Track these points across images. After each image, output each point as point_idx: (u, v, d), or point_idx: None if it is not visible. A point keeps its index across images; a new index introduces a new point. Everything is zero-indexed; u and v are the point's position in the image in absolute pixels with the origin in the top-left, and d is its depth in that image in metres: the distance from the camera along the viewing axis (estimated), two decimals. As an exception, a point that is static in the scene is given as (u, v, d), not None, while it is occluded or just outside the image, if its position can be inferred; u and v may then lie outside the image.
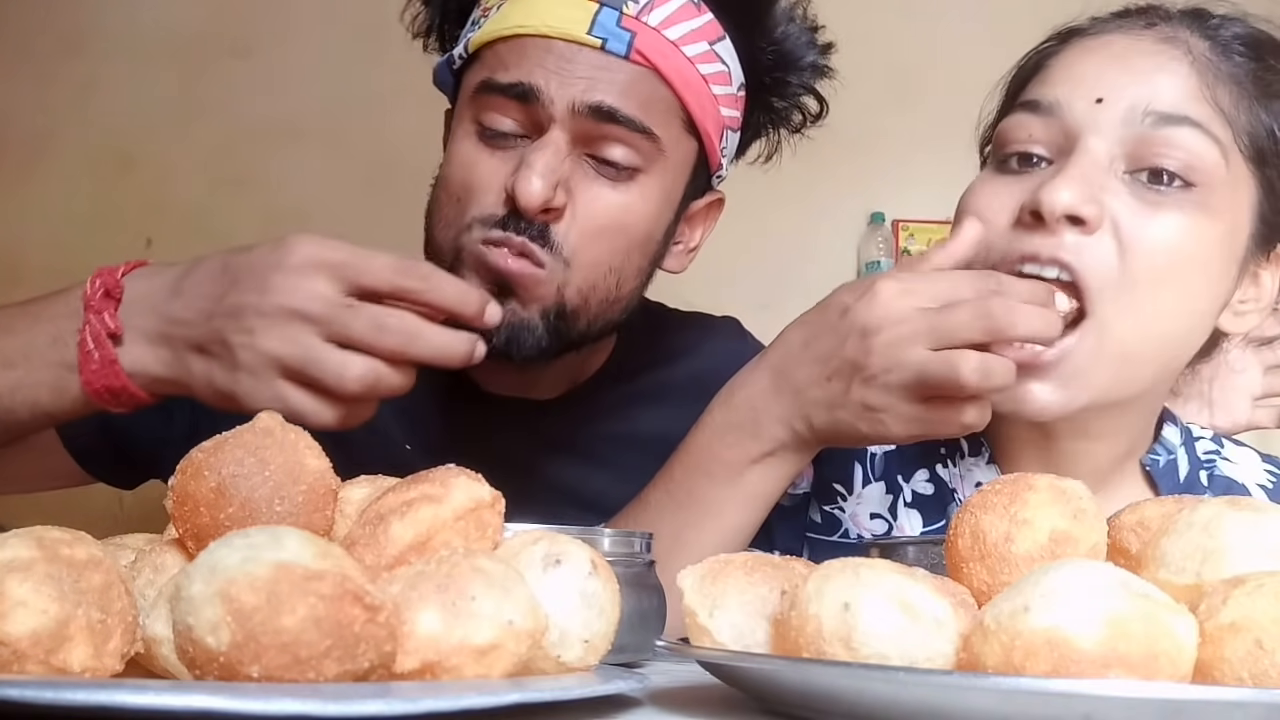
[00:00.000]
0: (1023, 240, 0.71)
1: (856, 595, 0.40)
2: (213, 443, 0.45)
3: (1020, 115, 0.75)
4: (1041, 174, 0.72)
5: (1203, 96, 0.71)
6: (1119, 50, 0.74)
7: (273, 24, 2.30)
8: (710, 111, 0.89)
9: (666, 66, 0.85)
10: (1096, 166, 0.70)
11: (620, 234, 0.86)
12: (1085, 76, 0.73)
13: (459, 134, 0.88)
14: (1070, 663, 0.36)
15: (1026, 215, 0.70)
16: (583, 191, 0.84)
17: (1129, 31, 0.76)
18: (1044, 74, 0.77)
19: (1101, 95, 0.71)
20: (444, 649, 0.38)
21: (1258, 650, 0.37)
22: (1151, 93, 0.71)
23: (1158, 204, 0.70)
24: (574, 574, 0.45)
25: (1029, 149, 0.73)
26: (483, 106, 0.85)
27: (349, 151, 2.24)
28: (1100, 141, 0.71)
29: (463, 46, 0.90)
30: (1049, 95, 0.74)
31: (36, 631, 0.35)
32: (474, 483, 0.46)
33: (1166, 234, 0.69)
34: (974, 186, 0.77)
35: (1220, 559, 0.42)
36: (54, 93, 2.29)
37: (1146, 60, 0.72)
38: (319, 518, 0.45)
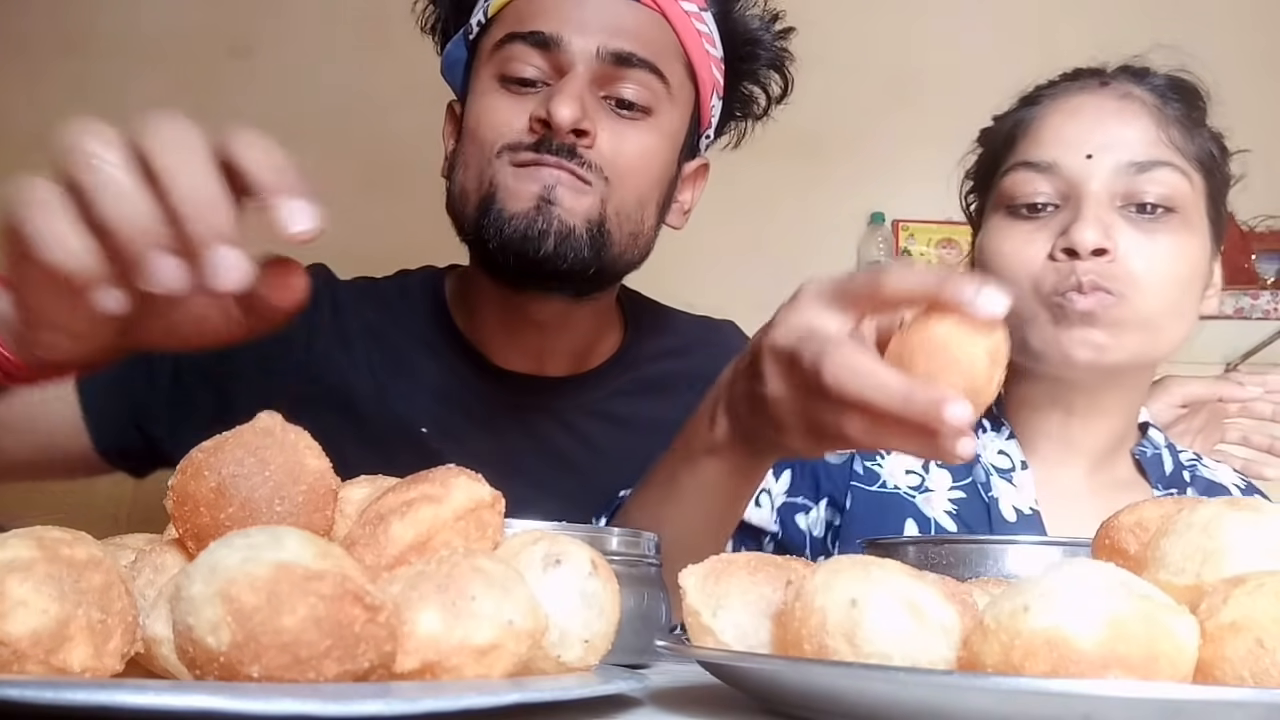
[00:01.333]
0: (1063, 275, 0.89)
1: (865, 592, 0.40)
2: (212, 443, 0.45)
3: (1024, 173, 0.93)
4: (1053, 217, 0.91)
5: (1161, 140, 0.92)
6: (1091, 112, 0.93)
7: (273, 24, 2.31)
8: (704, 63, 0.97)
9: (672, 11, 0.94)
10: (1102, 206, 0.89)
11: (643, 167, 0.93)
12: (1073, 138, 0.92)
13: (479, 88, 0.93)
14: (1070, 663, 0.36)
15: (1060, 253, 0.89)
16: (606, 127, 0.90)
17: (1091, 91, 0.95)
18: (1033, 136, 0.95)
19: (1090, 152, 0.91)
20: (444, 649, 0.38)
21: (1259, 649, 0.37)
22: (1127, 147, 0.91)
23: (1152, 230, 0.90)
24: (574, 574, 0.45)
25: (1036, 200, 0.92)
26: (505, 58, 0.91)
27: (349, 151, 2.24)
28: (1098, 185, 0.90)
29: (481, 14, 0.96)
30: (1046, 156, 0.92)
31: (37, 631, 0.35)
32: (474, 483, 0.46)
33: (1163, 250, 0.90)
34: (996, 237, 0.94)
35: (1220, 559, 0.42)
36: (52, 92, 2.29)
37: (1115, 119, 0.92)
38: (319, 518, 0.45)
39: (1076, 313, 0.88)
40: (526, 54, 0.90)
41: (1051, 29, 2.11)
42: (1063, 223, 0.90)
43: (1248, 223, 2.05)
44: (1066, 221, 0.90)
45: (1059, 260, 0.89)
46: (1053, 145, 0.93)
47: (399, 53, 1.14)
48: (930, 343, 0.54)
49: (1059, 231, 0.90)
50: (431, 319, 1.05)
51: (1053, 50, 1.04)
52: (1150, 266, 0.89)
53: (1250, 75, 2.19)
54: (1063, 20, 2.16)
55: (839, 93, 2.33)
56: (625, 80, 0.91)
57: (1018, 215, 0.93)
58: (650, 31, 0.93)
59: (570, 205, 0.88)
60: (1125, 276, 0.88)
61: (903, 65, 2.27)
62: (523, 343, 1.01)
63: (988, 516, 0.96)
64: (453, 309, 1.06)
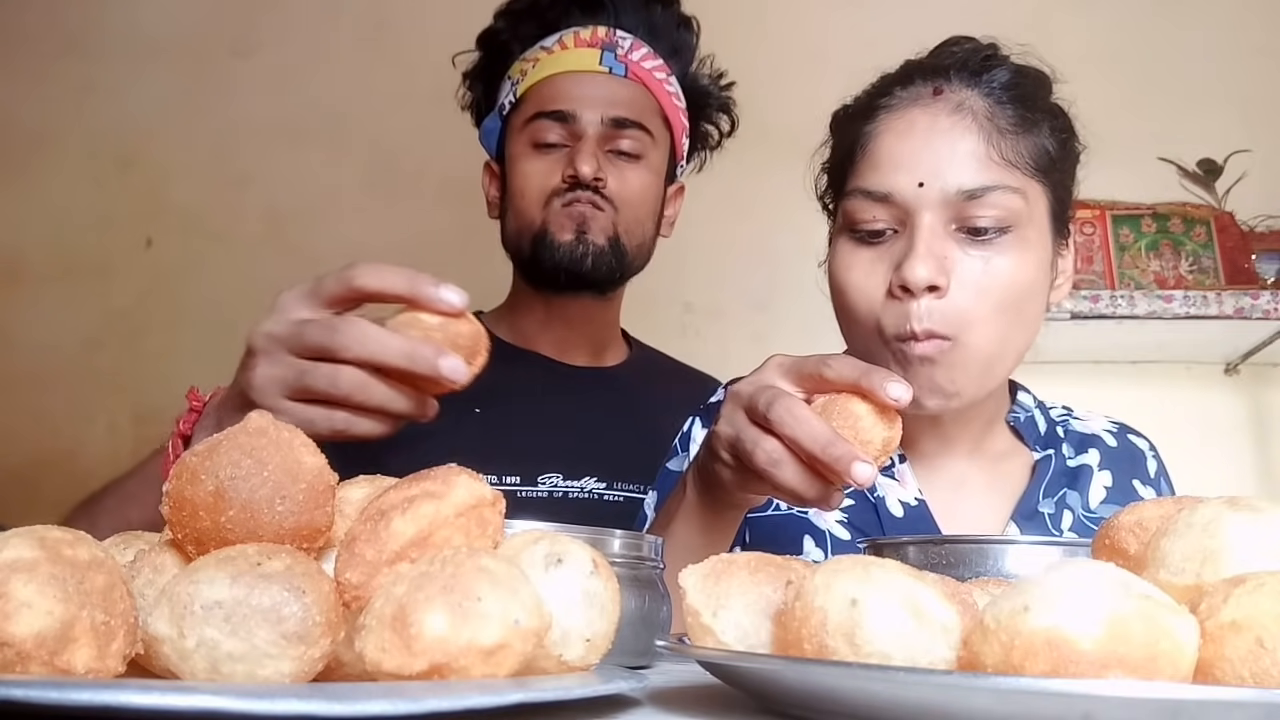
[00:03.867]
0: (899, 318, 0.90)
1: (865, 593, 0.40)
2: (206, 446, 0.45)
3: (860, 200, 0.94)
4: (892, 243, 0.92)
5: (992, 159, 0.91)
6: (922, 131, 0.93)
7: (273, 24, 2.30)
8: (675, 115, 1.36)
9: (649, 81, 1.32)
10: (935, 235, 0.90)
11: (641, 197, 1.31)
12: (903, 163, 0.92)
13: (517, 153, 1.31)
14: (1070, 663, 0.36)
15: (897, 290, 0.90)
16: (613, 173, 1.29)
17: (924, 105, 0.94)
18: (870, 158, 0.95)
19: (921, 180, 0.91)
20: (452, 650, 0.38)
21: (1259, 649, 0.37)
22: (956, 174, 0.90)
23: (986, 255, 0.90)
24: (576, 573, 0.45)
25: (875, 226, 0.93)
26: (536, 129, 1.29)
27: (349, 151, 2.24)
28: (931, 214, 0.90)
29: (511, 95, 1.33)
30: (881, 184, 0.92)
31: (41, 633, 0.35)
32: (475, 481, 0.46)
33: (998, 274, 0.90)
34: (842, 264, 0.95)
35: (1220, 559, 0.42)
36: (54, 92, 2.29)
37: (945, 140, 0.92)
38: (320, 515, 0.45)
39: (915, 357, 0.89)
40: (551, 127, 1.28)
41: (1050, 28, 2.11)
42: (898, 254, 0.91)
43: (1248, 223, 2.05)
44: (901, 253, 0.90)
45: (896, 296, 0.90)
46: (887, 171, 0.93)
47: (399, 53, 1.15)
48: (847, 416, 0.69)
49: (894, 262, 0.91)
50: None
51: (1050, 49, 1.04)
52: (981, 300, 0.89)
53: (1251, 75, 2.19)
54: (1062, 19, 2.16)
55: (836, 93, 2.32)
56: (622, 137, 1.30)
57: (860, 241, 0.94)
58: (636, 99, 1.31)
59: (597, 233, 1.28)
60: (957, 317, 0.89)
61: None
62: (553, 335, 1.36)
63: (877, 516, 0.99)
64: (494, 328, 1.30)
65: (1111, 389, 2.14)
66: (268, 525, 0.43)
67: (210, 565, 0.39)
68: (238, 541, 0.42)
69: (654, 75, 1.33)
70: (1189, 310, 1.89)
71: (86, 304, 2.21)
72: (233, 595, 0.38)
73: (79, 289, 2.22)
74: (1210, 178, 2.08)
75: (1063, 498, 1.03)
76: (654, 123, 1.32)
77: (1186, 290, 1.91)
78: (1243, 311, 1.89)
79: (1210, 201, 2.07)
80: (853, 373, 0.71)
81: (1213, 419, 2.15)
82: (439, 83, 1.41)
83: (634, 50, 1.32)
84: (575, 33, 1.32)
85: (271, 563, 0.39)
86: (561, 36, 1.32)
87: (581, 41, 1.31)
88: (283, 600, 0.38)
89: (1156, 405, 2.05)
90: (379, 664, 0.38)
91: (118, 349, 2.20)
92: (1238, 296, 1.90)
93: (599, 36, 1.32)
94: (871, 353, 0.92)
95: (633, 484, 1.28)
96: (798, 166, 1.07)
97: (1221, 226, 2.03)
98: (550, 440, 1.28)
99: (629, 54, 1.32)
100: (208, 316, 2.14)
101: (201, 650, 0.37)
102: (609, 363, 1.41)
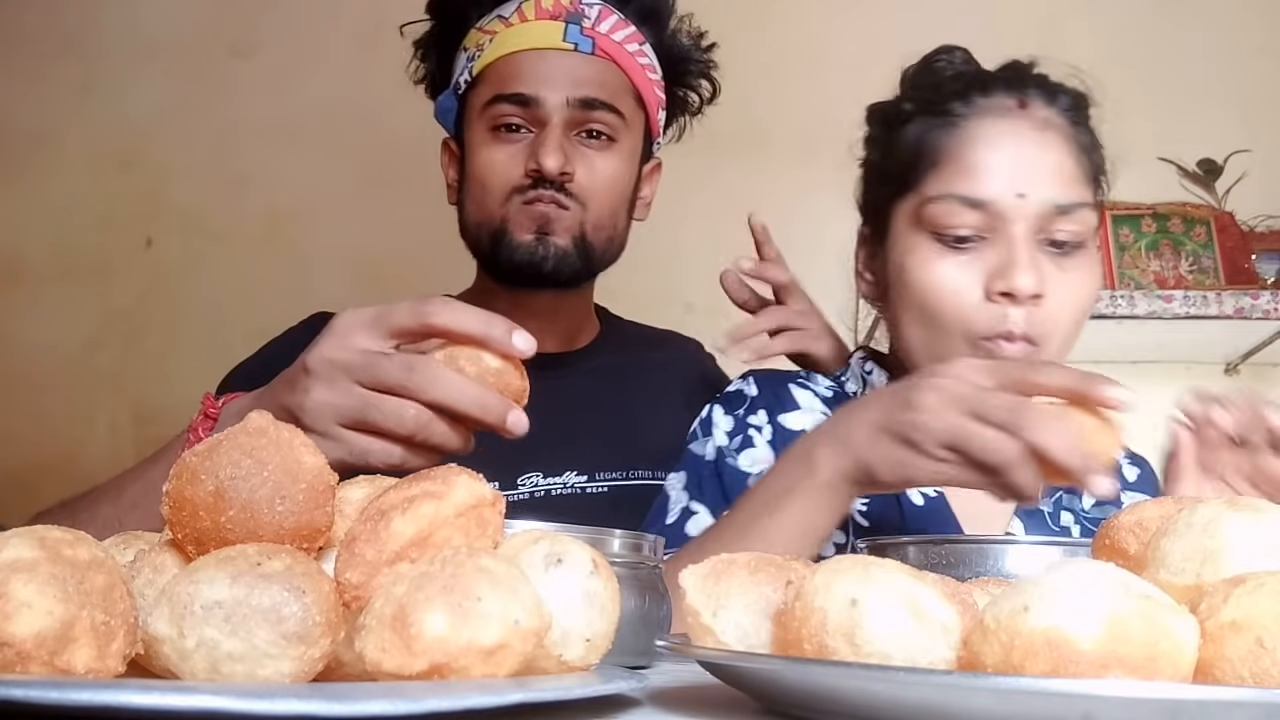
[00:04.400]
0: (996, 320, 0.93)
1: (865, 593, 0.40)
2: (206, 446, 0.45)
3: (952, 205, 0.95)
4: (980, 250, 0.95)
5: (1077, 175, 0.97)
6: (1016, 142, 0.96)
7: (273, 24, 2.30)
8: (649, 90, 1.23)
9: (620, 57, 1.19)
10: (1029, 244, 0.94)
11: (612, 186, 1.19)
12: (1001, 171, 0.95)
13: (477, 139, 1.19)
14: (1069, 663, 0.36)
15: (997, 296, 0.94)
16: (580, 160, 1.17)
17: (1013, 117, 0.98)
18: (960, 164, 0.96)
19: (1021, 190, 0.94)
20: (452, 650, 0.38)
21: (1259, 649, 0.37)
22: (1051, 188, 0.95)
23: (1068, 267, 0.96)
24: (575, 573, 0.45)
25: (964, 232, 0.95)
26: (495, 114, 1.17)
27: (349, 151, 2.24)
28: (1025, 225, 0.94)
29: (467, 73, 1.20)
30: (977, 191, 0.95)
31: (41, 633, 0.35)
32: (475, 481, 0.46)
33: (1080, 287, 0.96)
34: (923, 264, 0.97)
35: (1220, 559, 0.42)
36: (54, 93, 2.29)
37: (1038, 153, 0.96)
38: (320, 514, 0.45)
39: (1006, 356, 0.93)
40: (512, 111, 1.16)
41: (1053, 27, 2.11)
42: (995, 260, 0.94)
43: (1248, 223, 2.05)
44: (999, 260, 0.94)
45: (996, 302, 0.94)
46: (983, 179, 0.95)
47: (398, 53, 1.15)
48: (1073, 427, 0.72)
49: (992, 268, 0.94)
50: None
51: (1055, 49, 1.04)
52: (1064, 309, 0.95)
53: (1251, 75, 2.19)
54: (1063, 19, 2.16)
55: (838, 93, 2.33)
56: (590, 120, 1.17)
57: (945, 244, 0.96)
58: (605, 77, 1.18)
59: (560, 234, 1.17)
60: (1048, 322, 0.94)
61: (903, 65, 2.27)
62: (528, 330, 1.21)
63: (899, 506, 1.01)
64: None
65: (1111, 389, 2.14)
66: (268, 525, 0.43)
67: (210, 565, 0.39)
68: (238, 541, 0.42)
69: (625, 49, 1.20)
70: (1189, 310, 1.89)
71: (86, 304, 2.21)
72: (233, 595, 0.38)
73: (79, 289, 2.21)
74: (1210, 178, 2.08)
75: (1059, 499, 1.06)
76: (626, 102, 1.20)
77: (1186, 290, 1.91)
78: (1243, 311, 1.89)
79: (1210, 201, 2.07)
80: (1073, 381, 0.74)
81: (1213, 419, 2.15)
82: (438, 83, 1.41)
83: (602, 20, 1.19)
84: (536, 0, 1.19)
85: (271, 563, 0.39)
86: (521, 4, 1.18)
87: (543, 12, 1.18)
88: (283, 600, 0.38)
89: (1156, 405, 2.05)
90: (379, 664, 0.38)
91: (118, 349, 2.20)
92: (1238, 296, 1.89)
93: (562, 5, 1.18)
94: (954, 350, 0.94)
95: (615, 472, 1.22)
96: (798, 166, 1.08)
97: (1221, 226, 2.03)
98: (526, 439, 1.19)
99: (596, 25, 1.19)
100: (208, 316, 2.14)
101: (201, 650, 0.37)
102: (580, 344, 1.32)
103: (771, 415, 1.08)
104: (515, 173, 1.16)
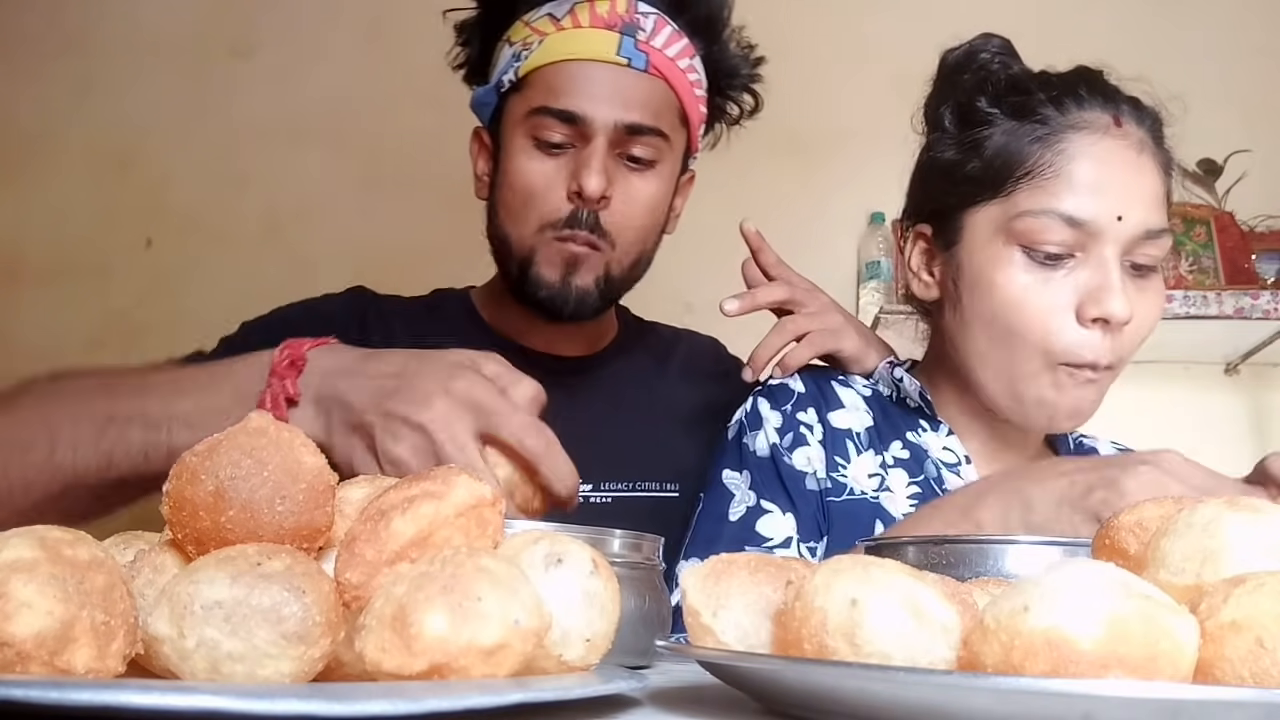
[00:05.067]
0: (1086, 346, 0.94)
1: (865, 593, 0.40)
2: (206, 446, 0.45)
3: (1052, 221, 0.94)
4: (1071, 268, 0.94)
5: (1162, 199, 0.97)
6: (1118, 164, 0.95)
7: (273, 24, 2.30)
8: (694, 108, 1.19)
9: (671, 76, 1.14)
10: (1120, 268, 0.94)
11: (648, 212, 1.17)
12: (1104, 191, 0.94)
13: (515, 147, 1.15)
14: (1069, 663, 0.36)
15: (1088, 321, 0.93)
16: (620, 181, 1.14)
17: (1113, 135, 0.96)
18: (1063, 179, 0.95)
19: (1120, 214, 0.93)
20: (452, 650, 0.38)
21: (1259, 649, 0.37)
22: (1146, 213, 0.94)
23: (1143, 289, 0.95)
24: (575, 573, 0.45)
25: (1057, 250, 0.94)
26: (538, 124, 1.12)
27: (349, 151, 2.24)
28: (1116, 247, 0.94)
29: (512, 72, 1.14)
30: (1080, 210, 0.94)
31: (41, 633, 0.35)
32: (475, 481, 0.46)
33: (1151, 312, 0.97)
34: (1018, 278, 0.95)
35: (1220, 559, 0.42)
36: (54, 92, 2.29)
37: (1136, 176, 0.95)
38: (320, 514, 0.45)
39: (1081, 381, 0.94)
40: (556, 125, 1.11)
41: (1052, 28, 2.11)
42: (1087, 282, 0.93)
43: (1248, 223, 2.05)
44: (1092, 282, 0.93)
45: (1088, 327, 0.93)
46: (1085, 198, 0.94)
47: (399, 53, 1.15)
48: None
49: (1085, 290, 0.93)
50: (465, 322, 1.28)
51: (1053, 49, 1.04)
52: (1138, 335, 0.95)
53: (1251, 75, 2.19)
54: (1063, 19, 2.16)
55: (839, 92, 2.33)
56: (635, 143, 1.13)
57: (1035, 260, 0.95)
58: (654, 97, 1.14)
59: (585, 274, 1.14)
60: (1124, 349, 0.95)
61: (903, 65, 2.27)
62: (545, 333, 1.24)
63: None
64: (481, 311, 1.29)
65: (1111, 389, 2.14)
66: (268, 525, 0.43)
67: (210, 565, 0.39)
68: (238, 541, 0.42)
69: (677, 65, 1.15)
70: (1189, 310, 1.89)
71: (86, 304, 2.21)
72: (233, 595, 0.38)
73: (79, 289, 2.22)
74: (1210, 178, 2.08)
75: None
76: (671, 123, 1.17)
77: (1186, 290, 1.91)
78: (1243, 311, 1.89)
79: (1210, 201, 2.07)
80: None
81: (1213, 419, 2.15)
82: (439, 83, 1.41)
83: (657, 33, 1.14)
84: (590, 2, 1.13)
85: (271, 563, 0.39)
86: (575, 6, 1.13)
87: (598, 19, 1.12)
88: (283, 600, 0.38)
89: (1156, 405, 2.05)
90: (379, 664, 0.38)
91: (118, 349, 2.20)
92: (1238, 296, 1.90)
93: (617, 14, 1.12)
94: (1027, 368, 0.95)
95: (622, 484, 1.21)
96: (799, 165, 1.07)
97: (1221, 226, 2.03)
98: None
99: (651, 39, 1.13)
100: (208, 316, 2.13)
101: (201, 650, 0.37)
102: (598, 346, 1.29)
103: (820, 413, 1.08)
104: (554, 197, 1.12)
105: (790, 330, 1.15)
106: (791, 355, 1.13)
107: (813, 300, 1.19)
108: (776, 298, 1.18)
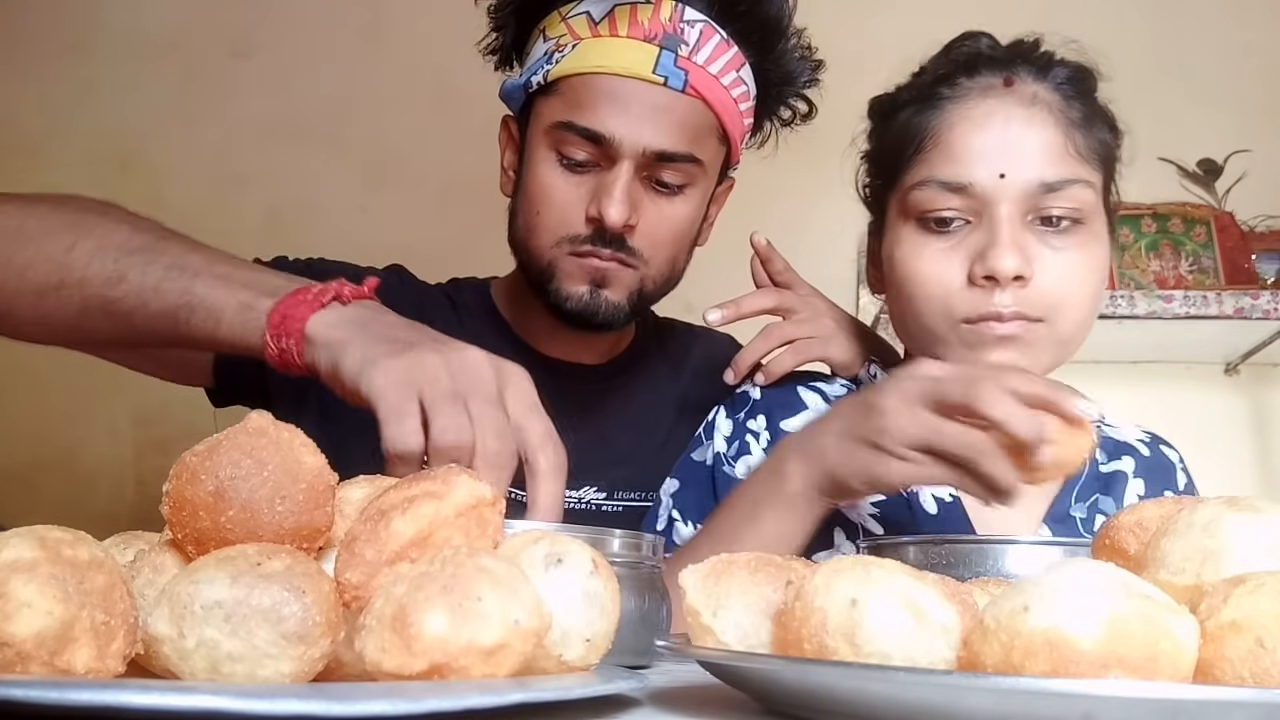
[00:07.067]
0: (980, 301, 0.91)
1: (865, 593, 0.40)
2: (206, 446, 0.45)
3: (934, 190, 0.94)
4: (965, 234, 0.94)
5: (1068, 152, 0.93)
6: (1000, 122, 0.94)
7: (273, 24, 2.30)
8: (737, 124, 1.11)
9: (711, 95, 1.06)
10: (1015, 227, 0.92)
11: (678, 237, 1.11)
12: (984, 153, 0.93)
13: (538, 156, 1.09)
14: (1069, 663, 0.36)
15: (980, 280, 0.91)
16: (647, 208, 1.07)
17: (998, 96, 0.95)
18: (943, 149, 0.95)
19: (1002, 171, 0.92)
20: (452, 650, 0.38)
21: (1259, 649, 0.37)
22: (1036, 167, 0.92)
23: (1062, 245, 0.93)
24: (575, 573, 0.45)
25: (947, 215, 0.94)
26: (561, 141, 1.06)
27: (349, 151, 2.24)
28: (1010, 205, 0.92)
29: (541, 76, 1.08)
30: (960, 175, 0.93)
31: (41, 633, 0.35)
32: (475, 481, 0.47)
33: (1074, 266, 0.93)
34: (909, 252, 0.96)
35: (1220, 559, 0.42)
36: (54, 93, 2.29)
37: (1023, 132, 0.93)
38: (320, 515, 0.45)
39: (994, 337, 0.91)
40: (581, 144, 1.05)
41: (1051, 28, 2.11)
42: (977, 243, 0.92)
43: (1248, 223, 2.05)
44: (982, 243, 0.92)
45: (980, 285, 0.92)
46: (964, 162, 0.93)
47: (399, 53, 1.14)
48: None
49: (974, 252, 0.92)
50: (482, 318, 1.24)
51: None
52: (1062, 285, 0.92)
53: (1251, 75, 2.19)
54: (1062, 19, 2.15)
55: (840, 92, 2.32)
56: (664, 170, 1.06)
57: (928, 229, 0.95)
58: (690, 119, 1.06)
59: (617, 290, 1.09)
60: (1044, 300, 0.91)
61: (904, 63, 2.27)
62: (565, 340, 1.20)
63: (910, 510, 0.99)
64: (500, 308, 1.25)
65: (1111, 389, 2.13)
66: (268, 525, 0.43)
67: (210, 565, 0.39)
68: (238, 541, 0.42)
69: (719, 82, 1.07)
70: (1189, 310, 1.89)
71: (86, 304, 2.21)
72: (233, 595, 0.38)
73: (79, 289, 2.21)
74: (1210, 178, 2.08)
75: (1095, 503, 1.03)
76: (707, 146, 1.09)
77: (1186, 290, 1.91)
78: (1243, 311, 1.89)
79: (1210, 201, 2.07)
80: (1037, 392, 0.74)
81: (1213, 419, 2.15)
82: (439, 83, 1.40)
83: (701, 45, 1.06)
84: (632, 8, 1.05)
85: (271, 563, 0.39)
86: (614, 9, 1.05)
87: (637, 28, 1.04)
88: (283, 600, 0.38)
89: (1156, 405, 2.05)
90: (379, 664, 0.38)
91: (118, 349, 2.20)
92: (1238, 296, 1.89)
93: (659, 24, 1.04)
94: (939, 338, 0.94)
95: (635, 493, 1.18)
96: (799, 165, 1.07)
97: (1221, 226, 2.03)
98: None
99: (694, 53, 1.06)
100: (208, 316, 2.14)
101: (201, 650, 0.37)
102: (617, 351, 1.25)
103: (771, 420, 1.06)
104: (572, 216, 1.06)
105: (776, 336, 1.13)
106: (775, 362, 1.11)
107: (805, 307, 1.16)
108: (763, 305, 1.16)
